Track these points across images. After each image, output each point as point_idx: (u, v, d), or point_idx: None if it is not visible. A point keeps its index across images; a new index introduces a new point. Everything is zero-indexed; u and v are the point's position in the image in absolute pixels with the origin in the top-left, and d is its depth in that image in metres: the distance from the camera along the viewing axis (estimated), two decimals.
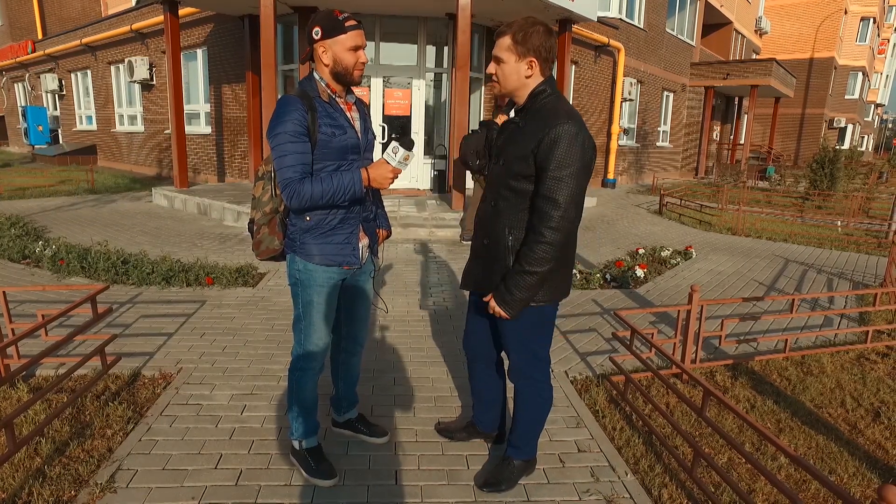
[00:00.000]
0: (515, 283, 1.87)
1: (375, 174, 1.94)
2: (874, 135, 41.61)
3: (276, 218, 2.06)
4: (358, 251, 2.10)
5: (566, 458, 2.43)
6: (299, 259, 2.03)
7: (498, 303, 1.92)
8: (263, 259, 2.10)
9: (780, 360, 3.56)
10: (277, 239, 2.06)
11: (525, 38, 1.85)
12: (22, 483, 2.11)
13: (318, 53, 1.94)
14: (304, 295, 2.06)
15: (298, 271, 2.05)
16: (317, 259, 2.02)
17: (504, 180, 1.95)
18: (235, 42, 10.60)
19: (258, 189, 2.06)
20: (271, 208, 2.04)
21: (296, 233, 2.03)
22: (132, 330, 3.72)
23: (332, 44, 1.91)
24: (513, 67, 1.89)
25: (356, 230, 2.09)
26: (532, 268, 1.83)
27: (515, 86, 1.92)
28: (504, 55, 1.88)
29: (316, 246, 2.01)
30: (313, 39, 1.93)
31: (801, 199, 11.74)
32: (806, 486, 2.29)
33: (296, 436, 2.23)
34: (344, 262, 2.06)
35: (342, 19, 1.89)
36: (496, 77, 1.93)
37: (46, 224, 7.33)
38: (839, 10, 27.99)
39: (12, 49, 19.37)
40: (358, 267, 2.13)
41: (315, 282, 2.04)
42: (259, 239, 2.07)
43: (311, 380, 2.17)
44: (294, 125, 1.86)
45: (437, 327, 3.98)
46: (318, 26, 1.90)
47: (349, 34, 1.90)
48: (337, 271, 2.07)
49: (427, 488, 2.19)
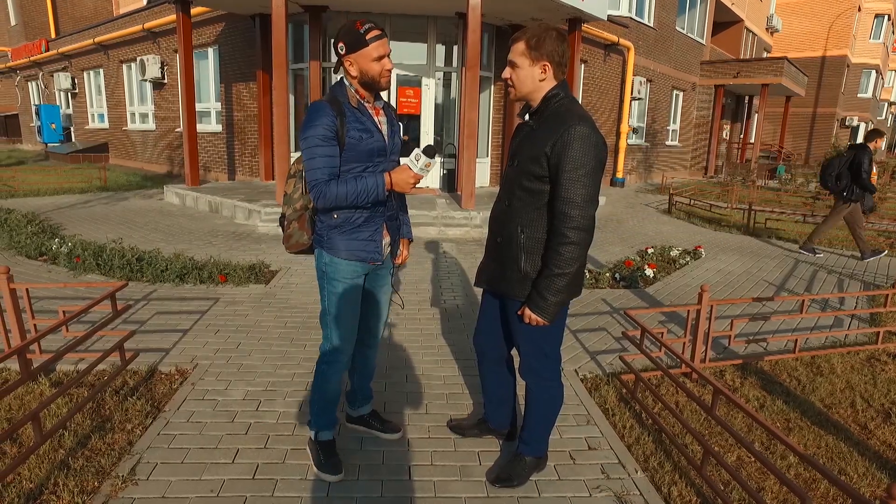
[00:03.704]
0: (547, 287, 1.90)
1: (398, 178, 2.04)
2: (888, 133, 41.12)
3: (305, 214, 2.17)
4: (381, 248, 2.19)
5: (577, 456, 2.46)
6: (326, 253, 2.14)
7: (533, 310, 1.95)
8: (293, 252, 2.22)
9: (790, 361, 3.57)
10: (307, 234, 2.18)
11: (539, 44, 1.90)
12: (48, 474, 2.18)
13: (346, 66, 2.04)
14: (330, 287, 2.16)
15: (325, 264, 2.15)
16: (342, 254, 2.11)
17: (518, 180, 1.99)
18: (246, 41, 10.68)
19: (290, 186, 2.17)
20: (302, 205, 2.15)
21: (323, 229, 2.13)
22: (148, 326, 3.79)
23: (357, 57, 2.00)
24: (527, 72, 1.94)
25: (380, 228, 2.18)
26: (561, 270, 1.87)
27: (530, 89, 1.97)
28: (519, 60, 1.94)
29: (342, 241, 2.11)
30: (339, 54, 2.02)
31: (812, 199, 11.66)
32: (815, 486, 2.31)
33: (313, 427, 2.30)
34: (367, 258, 2.16)
35: (364, 31, 1.97)
36: (511, 81, 1.98)
37: (61, 221, 7.44)
38: (853, 7, 27.65)
39: (26, 48, 19.60)
40: (380, 263, 2.22)
41: (340, 274, 2.14)
42: (290, 233, 2.19)
43: (337, 373, 2.25)
44: (324, 129, 1.96)
45: (448, 325, 4.02)
46: (342, 42, 1.99)
47: (372, 46, 1.98)
48: (361, 266, 2.17)
49: (440, 484, 2.23)
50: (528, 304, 1.97)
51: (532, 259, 1.98)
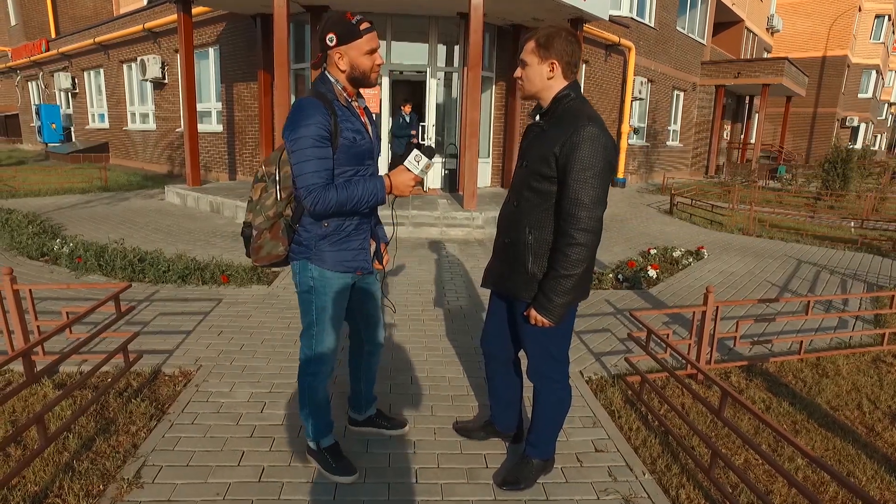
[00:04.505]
0: (553, 288, 1.89)
1: (398, 181, 1.94)
2: (888, 133, 41.13)
3: (279, 223, 1.98)
4: (370, 256, 2.12)
5: (583, 458, 2.45)
6: (313, 266, 1.99)
7: (539, 311, 1.93)
8: (262, 265, 2.02)
9: (795, 362, 3.55)
10: (282, 245, 1.98)
11: (547, 42, 1.90)
12: (53, 477, 2.16)
13: (335, 59, 1.90)
14: (319, 301, 2.03)
15: (313, 278, 2.01)
16: (332, 266, 1.99)
17: (526, 181, 1.98)
18: (247, 41, 10.67)
19: (257, 192, 1.98)
20: (275, 212, 1.96)
21: (310, 239, 1.98)
22: (151, 327, 3.77)
23: (348, 49, 1.88)
24: (536, 70, 1.93)
25: (368, 236, 2.10)
26: (568, 271, 1.86)
27: (539, 87, 1.96)
28: (528, 58, 1.94)
29: (332, 252, 1.99)
30: (328, 46, 1.89)
31: (814, 199, 11.66)
32: (824, 489, 2.30)
33: (312, 437, 2.25)
34: (359, 268, 2.07)
35: (356, 23, 1.86)
36: (521, 80, 1.99)
37: (62, 221, 7.42)
38: (853, 8, 27.66)
39: (26, 48, 19.58)
40: (370, 272, 2.15)
41: (331, 288, 2.02)
42: (260, 244, 1.98)
43: (323, 382, 2.18)
44: (318, 129, 1.81)
45: (451, 326, 4.01)
46: (332, 32, 1.86)
47: (364, 38, 1.88)
48: (351, 277, 2.08)
49: (447, 486, 2.22)
50: (534, 304, 1.96)
51: (540, 260, 1.96)
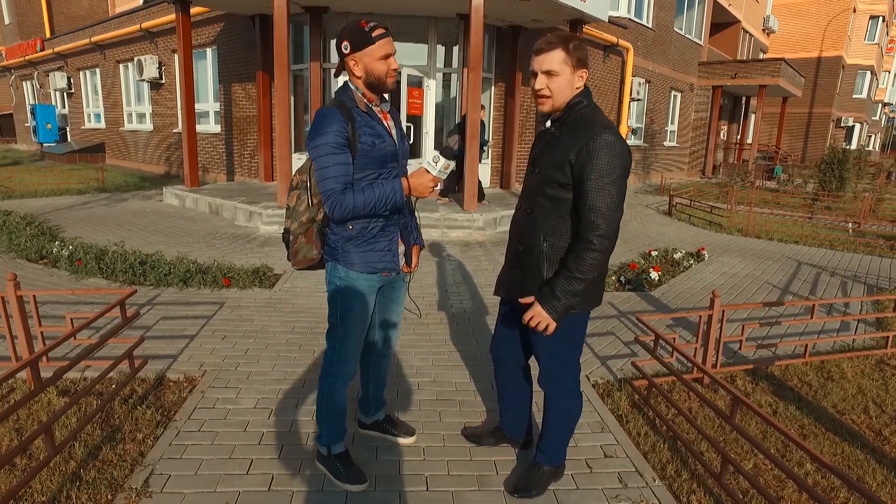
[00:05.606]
0: (562, 287, 1.86)
1: (416, 183, 1.96)
2: (881, 134, 41.40)
3: (313, 227, 2.06)
4: (398, 258, 2.13)
5: (593, 464, 2.44)
6: (341, 267, 2.05)
7: (542, 305, 1.88)
8: (300, 268, 2.10)
9: (800, 365, 3.56)
10: (315, 248, 2.07)
11: (576, 49, 1.86)
12: (60, 486, 2.14)
13: (350, 66, 1.96)
14: (345, 302, 2.07)
15: (340, 279, 2.06)
16: (359, 267, 2.04)
17: (540, 188, 1.96)
18: (245, 41, 10.62)
19: (293, 199, 2.07)
20: (308, 218, 2.04)
21: (337, 241, 2.04)
22: (154, 332, 3.75)
23: (363, 56, 1.92)
24: (568, 80, 1.88)
25: (396, 237, 2.12)
26: (583, 274, 1.84)
27: (567, 97, 1.91)
28: (559, 67, 1.86)
29: (358, 254, 2.03)
30: (343, 54, 1.95)
31: (811, 200, 11.71)
32: (835, 494, 2.30)
33: (325, 441, 2.24)
34: (385, 269, 2.09)
35: (369, 29, 1.90)
36: (547, 92, 1.90)
37: (60, 223, 7.37)
38: (848, 9, 27.81)
39: (21, 47, 19.45)
40: (396, 273, 2.16)
41: (357, 289, 2.06)
42: (296, 248, 2.07)
43: (343, 385, 2.19)
44: (335, 136, 1.87)
45: (456, 330, 4.00)
46: (346, 41, 1.92)
47: (378, 44, 1.91)
48: (377, 278, 2.10)
49: (458, 494, 2.21)
50: (538, 296, 1.91)
51: (555, 267, 1.94)
